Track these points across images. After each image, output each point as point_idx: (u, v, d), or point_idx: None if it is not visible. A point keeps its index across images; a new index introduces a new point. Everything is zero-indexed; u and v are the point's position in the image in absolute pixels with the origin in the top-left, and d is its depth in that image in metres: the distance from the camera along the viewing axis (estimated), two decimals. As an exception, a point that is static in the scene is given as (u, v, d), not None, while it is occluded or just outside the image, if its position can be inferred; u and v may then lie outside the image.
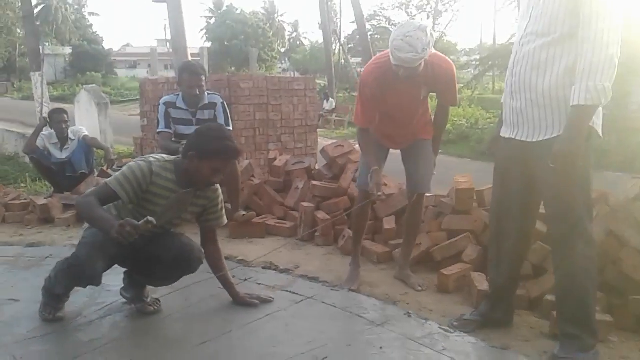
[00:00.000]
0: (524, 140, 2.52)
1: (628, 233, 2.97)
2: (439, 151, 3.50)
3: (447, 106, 3.36)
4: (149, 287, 3.04)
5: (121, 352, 2.57)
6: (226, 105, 4.60)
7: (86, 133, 6.26)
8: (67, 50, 41.84)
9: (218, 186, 2.96)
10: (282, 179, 5.15)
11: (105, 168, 5.90)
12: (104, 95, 12.10)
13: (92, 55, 40.38)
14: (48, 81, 14.50)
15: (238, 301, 3.07)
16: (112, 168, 5.68)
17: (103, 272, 2.64)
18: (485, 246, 3.44)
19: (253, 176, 5.10)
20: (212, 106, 4.45)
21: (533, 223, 2.78)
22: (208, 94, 4.51)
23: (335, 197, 4.51)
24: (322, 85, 24.86)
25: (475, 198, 3.78)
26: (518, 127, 2.55)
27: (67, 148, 5.99)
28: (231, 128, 4.38)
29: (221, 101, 4.54)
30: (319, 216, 4.37)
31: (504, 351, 2.61)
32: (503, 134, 2.70)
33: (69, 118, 6.18)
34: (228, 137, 2.73)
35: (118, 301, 3.08)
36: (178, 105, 4.42)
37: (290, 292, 3.31)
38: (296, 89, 7.87)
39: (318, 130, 9.37)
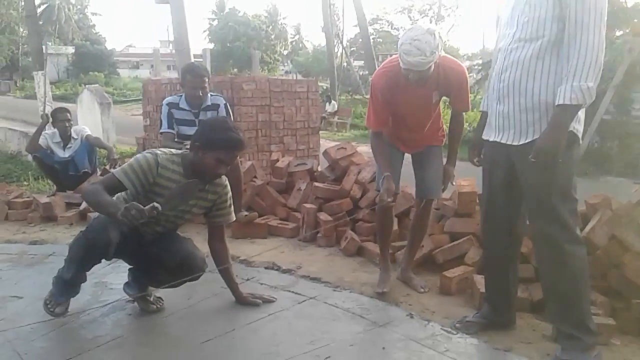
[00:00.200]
0: (510, 143, 2.54)
1: (631, 238, 2.98)
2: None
3: (461, 113, 3.34)
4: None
5: (124, 350, 2.58)
6: (229, 106, 4.61)
7: (89, 132, 6.27)
8: (70, 49, 41.90)
9: (227, 182, 2.97)
10: (285, 180, 5.16)
11: (107, 167, 5.91)
12: (107, 95, 12.10)
13: (95, 55, 40.43)
14: (51, 80, 14.53)
15: (241, 301, 3.08)
16: (115, 167, 5.68)
17: (115, 246, 2.61)
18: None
19: (255, 177, 5.11)
20: (215, 107, 4.46)
21: (521, 226, 2.78)
22: (211, 95, 4.52)
23: (337, 199, 4.52)
24: (325, 87, 24.87)
25: (477, 201, 3.78)
26: (504, 131, 2.57)
27: (70, 147, 6.01)
28: None
29: (224, 102, 4.55)
30: (321, 217, 4.37)
31: (507, 353, 2.61)
32: (487, 137, 2.72)
33: (72, 117, 6.20)
34: (231, 128, 2.72)
35: (121, 299, 3.09)
36: (181, 106, 4.43)
37: (292, 292, 3.32)
38: (299, 91, 7.86)
39: (320, 132, 9.37)
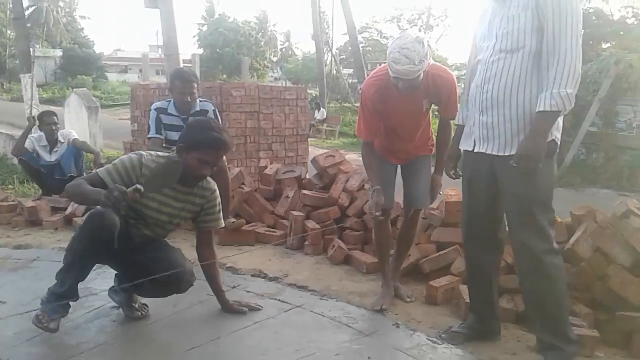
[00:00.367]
0: (495, 154, 2.56)
1: (615, 250, 3.00)
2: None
3: (449, 121, 3.34)
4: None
5: (108, 357, 2.56)
6: (218, 112, 4.61)
7: (76, 136, 6.24)
8: (58, 52, 41.56)
9: (216, 187, 2.96)
10: (273, 187, 5.16)
11: (94, 171, 5.86)
12: (94, 98, 12.01)
13: (83, 58, 40.13)
14: (38, 83, 14.38)
15: (227, 308, 3.06)
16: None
17: (117, 228, 2.57)
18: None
19: (243, 184, 5.09)
20: (204, 113, 4.45)
21: (502, 234, 2.80)
22: (200, 101, 4.52)
23: (325, 207, 4.52)
24: (314, 95, 24.89)
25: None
26: (488, 142, 2.59)
27: (57, 151, 5.97)
28: None
29: (212, 108, 4.55)
30: (309, 225, 4.37)
31: (491, 364, 2.62)
32: (467, 148, 2.74)
33: (59, 121, 6.16)
34: (214, 128, 2.71)
35: (106, 305, 3.07)
36: (169, 111, 4.43)
37: (279, 301, 3.31)
38: (288, 98, 7.86)
39: (309, 139, 9.38)
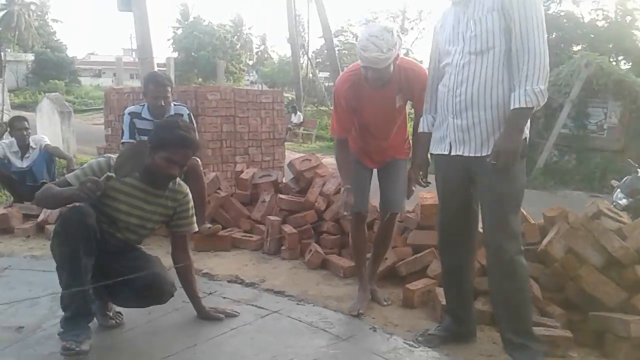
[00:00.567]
0: (471, 155, 2.58)
1: (587, 251, 3.05)
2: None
3: None
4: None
5: (81, 367, 2.51)
6: (193, 116, 4.58)
7: (48, 142, 6.15)
8: (30, 57, 40.85)
9: (188, 191, 2.94)
10: (249, 192, 5.13)
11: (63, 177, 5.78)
12: (67, 103, 11.86)
13: (55, 62, 39.52)
14: (9, 88, 14.18)
15: (203, 315, 3.03)
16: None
17: (94, 221, 2.55)
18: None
19: (219, 189, 5.06)
20: (178, 117, 4.41)
21: (476, 236, 2.84)
22: (174, 105, 4.49)
23: (302, 211, 4.52)
24: (290, 98, 24.91)
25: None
26: (464, 144, 2.61)
27: (28, 157, 5.88)
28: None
29: (187, 112, 4.52)
30: (286, 229, 4.36)
31: (468, 366, 2.64)
32: (440, 152, 2.74)
33: (30, 126, 6.06)
34: (181, 127, 2.70)
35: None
36: (143, 115, 4.39)
37: (255, 306, 3.28)
38: (264, 102, 7.85)
39: (285, 143, 9.38)
